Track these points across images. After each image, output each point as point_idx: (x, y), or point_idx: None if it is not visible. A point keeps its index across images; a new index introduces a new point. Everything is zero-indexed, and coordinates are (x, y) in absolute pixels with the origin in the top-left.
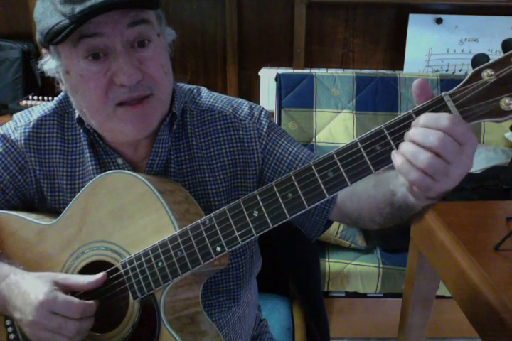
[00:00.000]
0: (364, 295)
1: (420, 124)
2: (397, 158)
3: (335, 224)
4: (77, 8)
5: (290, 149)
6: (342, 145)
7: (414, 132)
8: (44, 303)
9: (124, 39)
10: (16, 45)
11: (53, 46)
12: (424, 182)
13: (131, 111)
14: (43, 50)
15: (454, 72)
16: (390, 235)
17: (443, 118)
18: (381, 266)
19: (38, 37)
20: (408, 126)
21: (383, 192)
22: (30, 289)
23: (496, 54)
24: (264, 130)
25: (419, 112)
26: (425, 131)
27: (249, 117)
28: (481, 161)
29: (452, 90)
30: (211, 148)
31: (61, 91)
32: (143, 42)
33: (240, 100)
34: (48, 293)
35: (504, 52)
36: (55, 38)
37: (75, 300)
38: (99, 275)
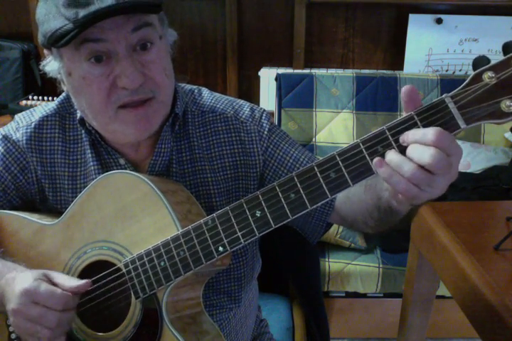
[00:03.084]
0: (364, 295)
1: (410, 141)
2: (382, 167)
3: (335, 225)
4: (81, 13)
5: (291, 152)
6: (342, 145)
7: (409, 150)
8: (26, 292)
9: (128, 43)
10: (16, 45)
11: (55, 48)
12: (411, 191)
13: (132, 113)
14: (45, 51)
15: (454, 72)
16: (390, 235)
17: (430, 134)
18: (381, 266)
19: (40, 39)
20: (410, 128)
21: (371, 196)
22: (19, 280)
23: (496, 54)
24: (265, 132)
25: (420, 113)
26: (419, 148)
27: (251, 119)
28: (481, 161)
29: (453, 92)
30: (212, 149)
31: (63, 91)
32: (145, 45)
33: (241, 102)
34: (31, 283)
35: (504, 54)
36: (58, 41)
37: (58, 290)
38: (83, 281)
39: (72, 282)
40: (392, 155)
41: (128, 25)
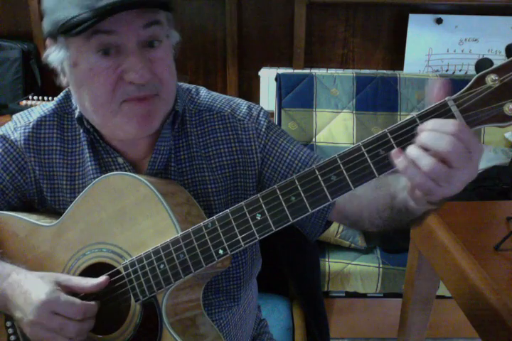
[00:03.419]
0: (364, 295)
1: (428, 129)
2: (400, 160)
3: (335, 224)
4: (101, 3)
5: (289, 149)
6: (342, 145)
7: (425, 136)
8: (45, 303)
9: (138, 39)
10: (16, 45)
11: (63, 38)
12: (427, 185)
13: (136, 107)
14: (48, 41)
15: (454, 72)
16: (390, 235)
17: (451, 124)
18: (381, 266)
19: (48, 27)
20: (412, 131)
21: (383, 195)
22: (32, 288)
23: (496, 54)
24: (263, 130)
25: (422, 117)
26: (436, 135)
27: (248, 117)
28: (481, 161)
29: (456, 95)
30: (210, 148)
31: (62, 88)
32: (153, 42)
33: (238, 100)
34: (49, 293)
35: (508, 57)
36: (71, 30)
37: (77, 300)
38: (102, 278)
39: (90, 281)
40: (411, 149)
41: (140, 21)
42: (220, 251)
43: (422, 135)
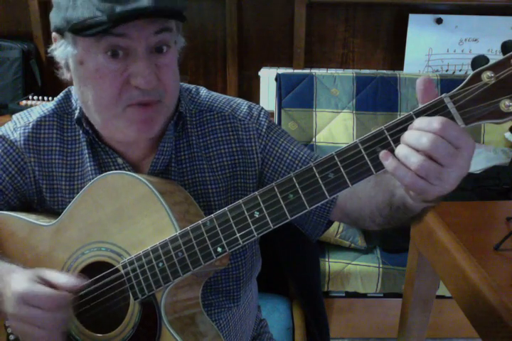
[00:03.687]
0: (364, 295)
1: (414, 127)
2: (389, 161)
3: (335, 224)
4: (118, 8)
5: (290, 149)
6: (342, 145)
7: (407, 134)
8: (19, 294)
9: (148, 44)
10: (16, 45)
11: (71, 35)
12: (418, 185)
13: (139, 111)
14: (54, 34)
15: (454, 72)
16: (390, 235)
17: (435, 122)
18: (381, 266)
19: (56, 22)
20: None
21: (382, 193)
22: (14, 283)
23: (496, 54)
24: (264, 130)
25: (419, 113)
26: (418, 133)
27: (249, 117)
28: (481, 161)
29: (452, 92)
30: (210, 148)
31: (62, 88)
32: (161, 48)
33: (239, 100)
34: (24, 285)
35: (503, 54)
36: (84, 30)
37: (50, 291)
38: (73, 278)
39: (63, 279)
40: (400, 148)
41: (152, 27)
42: (219, 249)
43: (405, 134)
